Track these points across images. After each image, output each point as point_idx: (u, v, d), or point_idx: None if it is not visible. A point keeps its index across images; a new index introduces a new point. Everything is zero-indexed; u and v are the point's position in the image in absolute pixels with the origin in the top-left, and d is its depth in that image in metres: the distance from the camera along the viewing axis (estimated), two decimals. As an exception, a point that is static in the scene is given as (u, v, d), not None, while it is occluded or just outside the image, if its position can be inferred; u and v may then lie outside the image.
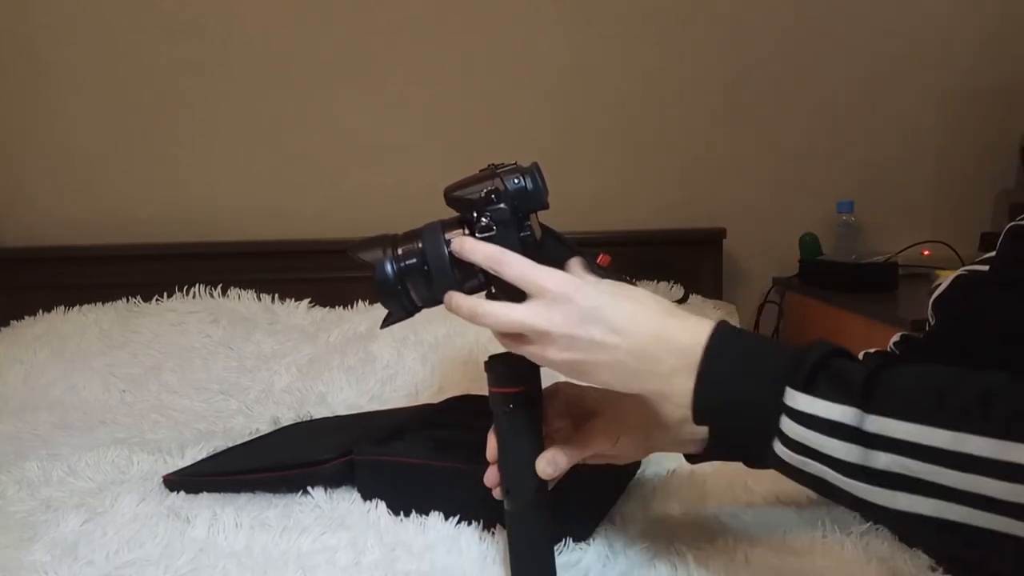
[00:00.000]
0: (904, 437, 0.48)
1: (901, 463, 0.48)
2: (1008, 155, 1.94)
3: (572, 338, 0.59)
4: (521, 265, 0.61)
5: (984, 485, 0.46)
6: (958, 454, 0.47)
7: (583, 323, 0.58)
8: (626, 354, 0.58)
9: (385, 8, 1.93)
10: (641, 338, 0.58)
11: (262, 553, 0.78)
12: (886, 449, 0.49)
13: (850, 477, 0.50)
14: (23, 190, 1.98)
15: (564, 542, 0.77)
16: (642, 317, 0.59)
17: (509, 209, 0.63)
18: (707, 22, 1.94)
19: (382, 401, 1.37)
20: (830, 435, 0.50)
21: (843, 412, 0.50)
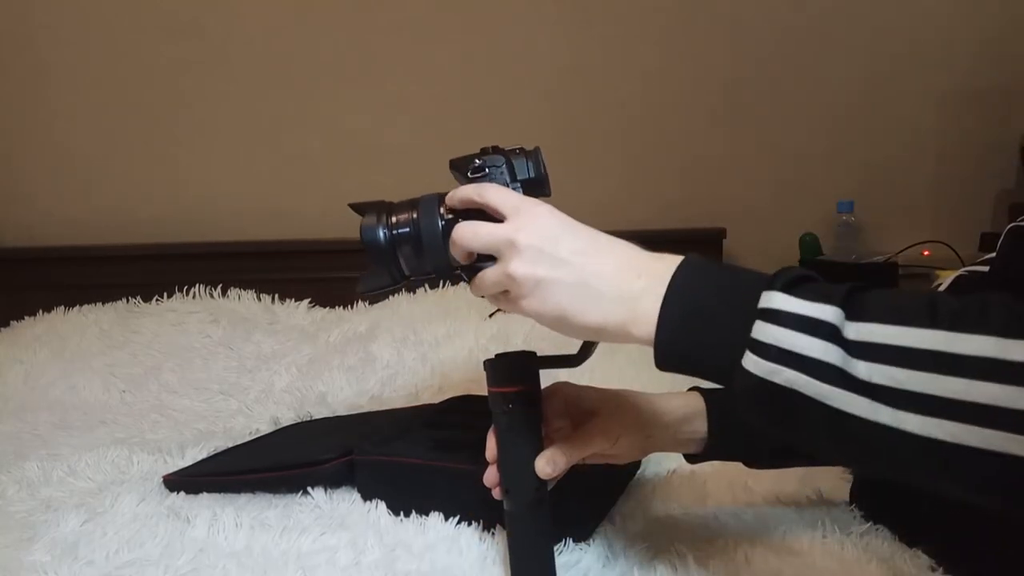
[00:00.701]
0: (889, 341, 0.43)
1: (885, 371, 0.43)
2: (1008, 155, 1.94)
3: (538, 250, 0.56)
4: (499, 189, 0.62)
5: (981, 390, 0.40)
6: (950, 355, 0.41)
7: (552, 238, 0.57)
8: (592, 274, 0.55)
9: (385, 8, 1.93)
10: (611, 260, 0.56)
11: (262, 553, 0.77)
12: (869, 356, 0.44)
13: (827, 383, 0.44)
14: (23, 190, 1.98)
15: (564, 542, 0.77)
16: (615, 244, 0.58)
17: (503, 158, 0.65)
18: (707, 22, 1.94)
19: (382, 401, 1.37)
20: (808, 332, 0.45)
21: (823, 310, 0.46)
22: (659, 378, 0.58)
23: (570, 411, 0.71)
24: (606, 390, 0.72)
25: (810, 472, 0.96)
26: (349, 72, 1.95)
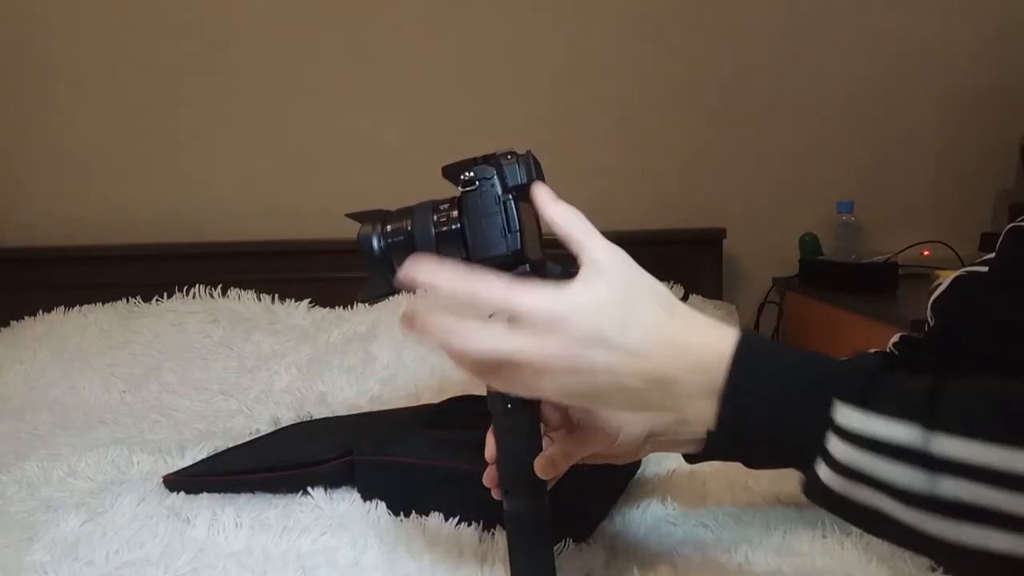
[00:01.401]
0: (976, 460, 0.42)
1: (972, 490, 0.41)
2: (1008, 155, 1.94)
3: (572, 366, 0.50)
4: (500, 289, 0.51)
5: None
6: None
7: (583, 346, 0.49)
8: (637, 378, 0.49)
9: (385, 8, 1.93)
10: (653, 358, 0.49)
11: (262, 553, 0.78)
12: (955, 474, 0.42)
13: (911, 507, 0.43)
14: (23, 190, 1.99)
15: (564, 542, 0.77)
16: (652, 332, 0.50)
17: (493, 169, 0.64)
18: (706, 22, 1.94)
19: (382, 401, 1.37)
20: (889, 457, 0.43)
21: (904, 431, 0.43)
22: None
23: (569, 410, 0.71)
24: None
25: (810, 472, 0.96)
26: (349, 72, 1.95)
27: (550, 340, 0.49)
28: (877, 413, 0.44)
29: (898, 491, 0.43)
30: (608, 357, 0.49)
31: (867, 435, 0.44)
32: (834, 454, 0.45)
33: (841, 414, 0.45)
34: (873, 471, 0.44)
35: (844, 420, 0.45)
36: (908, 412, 0.43)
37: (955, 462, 0.42)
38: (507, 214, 0.64)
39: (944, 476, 0.42)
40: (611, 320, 0.50)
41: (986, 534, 0.42)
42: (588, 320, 0.50)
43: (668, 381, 0.49)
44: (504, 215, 0.64)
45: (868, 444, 0.44)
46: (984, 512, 0.42)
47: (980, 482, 0.41)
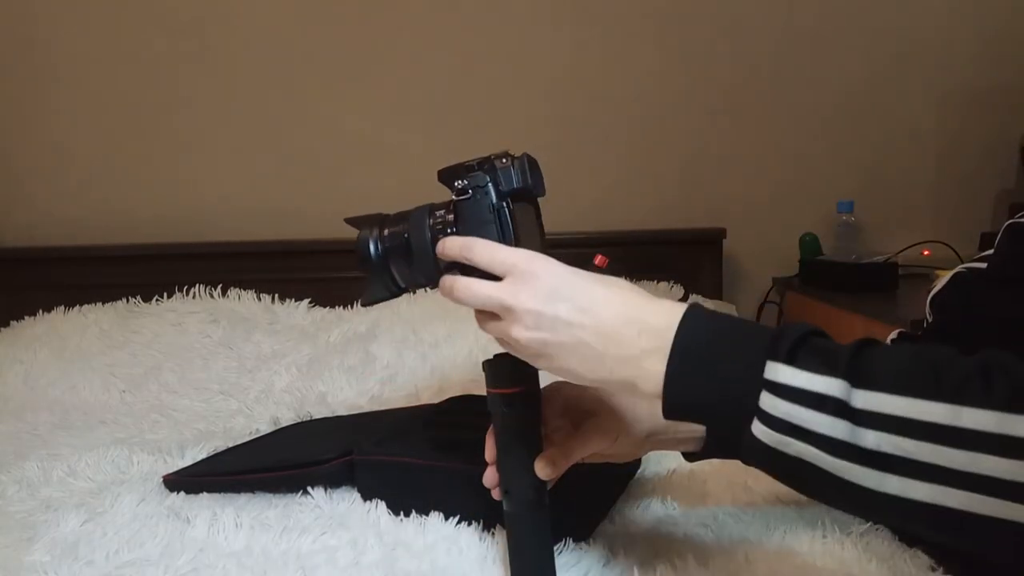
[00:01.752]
0: (895, 412, 0.44)
1: (892, 441, 0.44)
2: (1008, 155, 1.94)
3: (538, 315, 0.56)
4: (487, 246, 0.60)
5: (985, 463, 0.42)
6: (955, 429, 0.43)
7: (549, 300, 0.56)
8: (593, 334, 0.54)
9: (385, 8, 1.93)
10: (610, 318, 0.54)
11: (262, 553, 0.77)
12: (876, 426, 0.45)
13: (836, 456, 0.45)
14: (23, 190, 1.99)
15: (564, 542, 0.77)
16: (612, 297, 0.56)
17: (487, 177, 0.64)
18: (707, 22, 1.94)
19: (382, 401, 1.37)
20: (815, 408, 0.46)
21: (828, 384, 0.46)
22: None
23: (569, 411, 0.71)
24: (605, 390, 0.72)
25: (810, 472, 0.96)
26: (349, 72, 1.95)
27: (523, 289, 0.57)
28: (804, 368, 0.47)
29: (824, 440, 0.46)
30: (569, 311, 0.55)
31: (795, 387, 0.47)
32: (766, 408, 0.48)
33: (771, 370, 0.48)
34: (801, 422, 0.46)
35: (773, 375, 0.48)
36: (832, 368, 0.46)
37: (876, 414, 0.45)
38: (501, 222, 0.64)
39: (865, 428, 0.45)
40: (577, 281, 0.57)
41: (908, 483, 0.44)
42: (557, 276, 0.57)
43: (622, 340, 0.54)
44: (499, 223, 0.64)
45: (795, 396, 0.47)
46: (905, 462, 0.44)
47: (899, 434, 0.44)
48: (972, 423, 0.42)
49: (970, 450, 0.42)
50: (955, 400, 0.43)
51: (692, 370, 0.51)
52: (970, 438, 0.42)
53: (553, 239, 0.72)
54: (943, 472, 0.43)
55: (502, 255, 0.59)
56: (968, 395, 0.43)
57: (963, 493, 0.43)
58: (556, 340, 0.56)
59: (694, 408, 0.53)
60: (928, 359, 0.46)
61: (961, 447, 0.42)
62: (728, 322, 0.54)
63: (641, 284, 1.78)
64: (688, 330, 0.52)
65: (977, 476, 0.42)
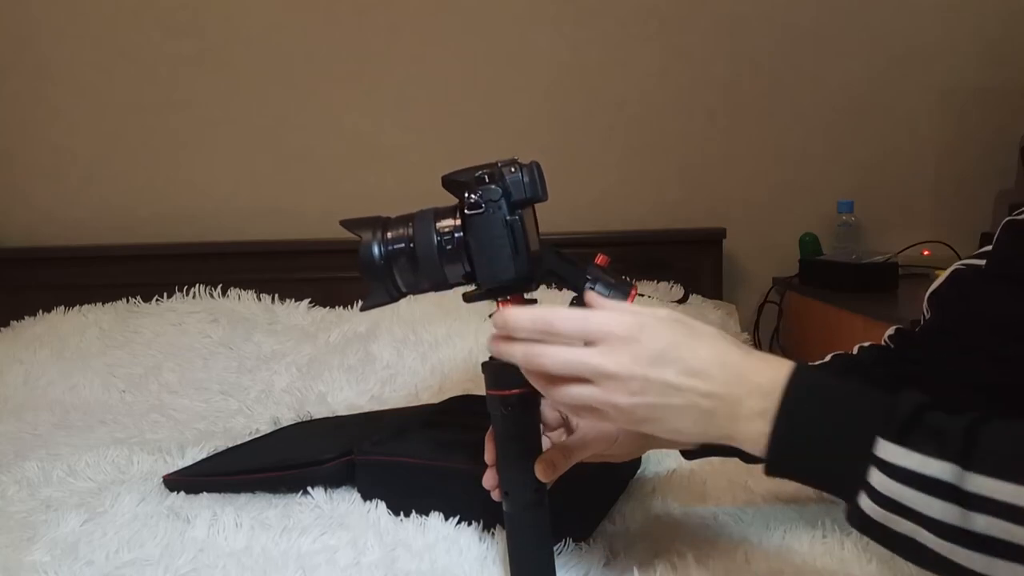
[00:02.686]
0: (1007, 499, 0.44)
1: (1003, 527, 0.44)
2: (1008, 155, 1.94)
3: (644, 380, 0.52)
4: (574, 316, 0.54)
5: None
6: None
7: (655, 364, 0.52)
8: (704, 397, 0.52)
9: (385, 8, 1.93)
10: (720, 379, 0.53)
11: (262, 553, 0.77)
12: (987, 511, 0.44)
13: (945, 539, 0.46)
14: (23, 190, 1.99)
15: (564, 542, 0.77)
16: (717, 356, 0.54)
17: (500, 190, 0.63)
18: (707, 22, 1.94)
19: (382, 401, 1.37)
20: (925, 492, 0.46)
21: (942, 468, 0.46)
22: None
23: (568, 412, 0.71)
24: None
25: (810, 472, 0.96)
26: (349, 72, 1.95)
27: (624, 354, 0.53)
28: (916, 450, 0.47)
29: (934, 523, 0.46)
30: (678, 375, 0.52)
31: (906, 469, 0.47)
32: (875, 486, 0.48)
33: (882, 449, 0.48)
34: (911, 503, 0.47)
35: (884, 454, 0.48)
36: (945, 450, 0.46)
37: (987, 499, 0.44)
38: (515, 236, 0.63)
39: (976, 512, 0.45)
40: (680, 340, 0.54)
41: (1016, 570, 0.44)
42: (659, 338, 0.53)
43: (732, 401, 0.52)
44: (512, 237, 0.63)
45: (907, 478, 0.47)
46: (1015, 548, 0.44)
47: (1011, 520, 0.44)
48: None
49: None
50: None
51: (799, 439, 0.51)
52: None
53: (553, 239, 0.72)
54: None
55: (596, 323, 0.54)
56: None
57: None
58: (665, 403, 0.53)
59: (798, 473, 0.53)
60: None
61: None
62: (836, 389, 0.53)
63: (641, 284, 1.79)
64: (795, 394, 0.52)
65: None
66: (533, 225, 0.67)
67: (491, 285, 0.64)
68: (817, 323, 1.77)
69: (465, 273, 0.65)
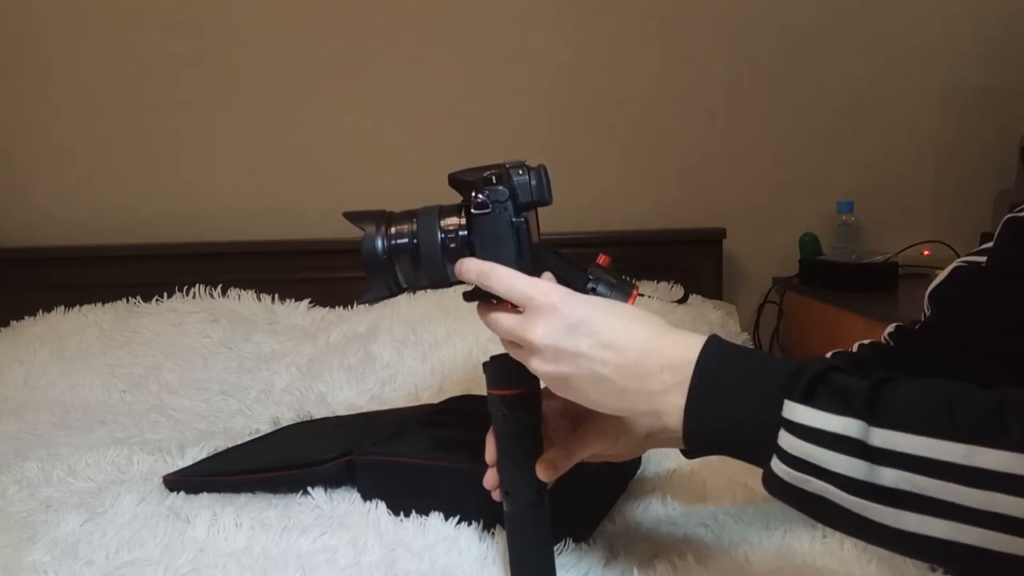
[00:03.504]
0: (912, 451, 0.45)
1: (909, 479, 0.45)
2: (1008, 155, 1.94)
3: (557, 350, 0.56)
4: (506, 277, 0.60)
5: (1000, 503, 0.42)
6: (971, 468, 0.43)
7: (569, 335, 0.56)
8: (615, 370, 0.55)
9: (385, 8, 1.93)
10: (631, 353, 0.55)
11: (262, 553, 0.78)
12: (893, 464, 0.45)
13: (854, 494, 0.47)
14: (23, 190, 1.99)
15: (564, 542, 0.77)
16: (633, 331, 0.56)
17: (507, 191, 0.63)
18: (707, 22, 1.94)
19: (382, 401, 1.37)
20: (832, 448, 0.47)
21: (846, 424, 0.47)
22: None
23: (569, 412, 0.71)
24: None
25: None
26: (349, 72, 1.95)
27: (541, 324, 0.57)
28: (821, 408, 0.48)
29: (842, 479, 0.47)
30: (590, 346, 0.55)
31: (812, 428, 0.48)
32: (784, 447, 0.49)
33: (788, 410, 0.49)
34: (819, 461, 0.48)
35: (791, 415, 0.49)
36: (849, 407, 0.47)
37: (892, 452, 0.45)
38: (519, 237, 0.64)
39: (883, 466, 0.46)
40: (597, 314, 0.57)
41: (925, 520, 0.45)
42: (577, 310, 0.57)
43: (644, 375, 0.55)
44: (516, 238, 0.63)
45: (813, 436, 0.48)
46: (921, 499, 0.45)
47: (916, 472, 0.45)
48: (986, 463, 0.43)
49: (985, 489, 0.43)
50: (971, 440, 0.44)
51: (710, 407, 0.52)
52: (985, 477, 0.43)
53: (553, 239, 0.72)
54: (959, 510, 0.44)
55: (520, 287, 0.59)
56: (984, 435, 0.44)
57: (978, 530, 0.43)
58: (577, 374, 0.56)
59: (715, 444, 0.54)
60: (944, 396, 0.46)
61: (976, 486, 0.43)
62: (745, 358, 0.54)
63: (641, 284, 1.78)
64: (705, 366, 0.53)
65: (991, 514, 0.43)
66: (535, 226, 0.67)
67: None
68: (817, 323, 1.77)
69: None
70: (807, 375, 0.49)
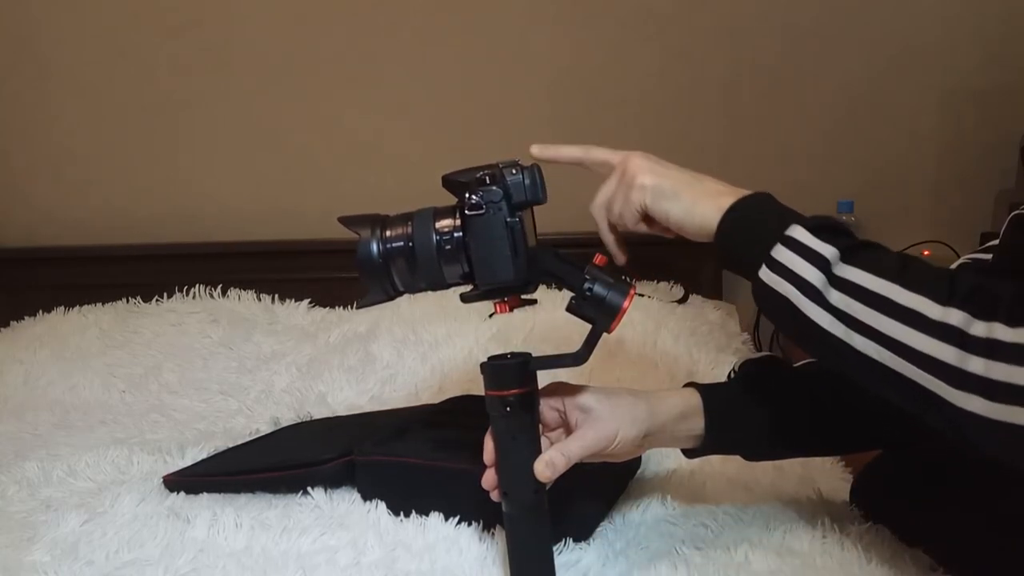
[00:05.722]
0: (860, 283, 0.56)
1: (849, 303, 0.56)
2: (1008, 155, 1.94)
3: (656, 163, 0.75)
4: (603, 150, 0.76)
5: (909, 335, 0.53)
6: (896, 304, 0.54)
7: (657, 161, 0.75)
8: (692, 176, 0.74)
9: (385, 8, 1.93)
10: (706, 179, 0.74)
11: (262, 553, 0.78)
12: (842, 289, 0.57)
13: (807, 297, 0.58)
14: (23, 190, 1.99)
15: (564, 542, 0.77)
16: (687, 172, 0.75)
17: (500, 191, 0.63)
18: (707, 22, 1.94)
19: (382, 401, 1.37)
20: (808, 261, 0.58)
21: (825, 249, 0.58)
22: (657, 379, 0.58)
23: (568, 411, 0.71)
24: (603, 389, 0.72)
25: (809, 472, 0.96)
26: (349, 72, 1.95)
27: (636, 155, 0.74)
28: (816, 236, 0.59)
29: (804, 284, 0.58)
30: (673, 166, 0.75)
31: (801, 243, 0.60)
32: (774, 256, 0.61)
33: (792, 230, 0.61)
34: (792, 266, 0.59)
35: (792, 233, 0.61)
36: (836, 242, 0.59)
37: (847, 281, 0.57)
38: (514, 238, 0.63)
39: (835, 288, 0.57)
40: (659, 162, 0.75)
41: (851, 334, 0.56)
42: None
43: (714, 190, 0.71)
44: (511, 239, 0.63)
45: (799, 249, 0.60)
46: (858, 323, 0.56)
47: (855, 298, 0.56)
48: (910, 303, 0.54)
49: (902, 322, 0.54)
50: (907, 285, 0.55)
51: (739, 223, 0.65)
52: (905, 313, 0.54)
53: (553, 239, 0.72)
54: (877, 333, 0.55)
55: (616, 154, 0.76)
56: (921, 284, 0.54)
57: (887, 352, 0.54)
58: (675, 175, 0.73)
59: (730, 250, 0.66)
60: (908, 259, 0.58)
61: (897, 319, 0.54)
62: (783, 206, 0.66)
63: (641, 284, 1.78)
64: (754, 197, 0.67)
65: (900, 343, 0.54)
66: (531, 226, 0.67)
67: (489, 286, 0.65)
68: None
69: (463, 273, 0.65)
70: (824, 220, 0.61)
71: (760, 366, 0.82)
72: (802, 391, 0.78)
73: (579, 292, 0.66)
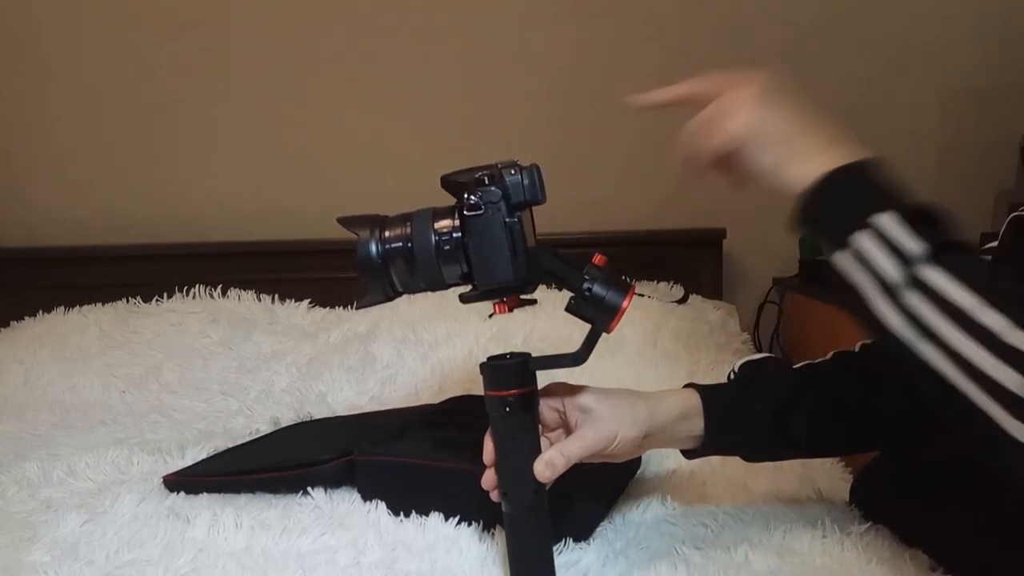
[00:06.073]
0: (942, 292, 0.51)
1: (927, 310, 0.51)
2: (1008, 155, 1.94)
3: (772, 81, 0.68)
4: None
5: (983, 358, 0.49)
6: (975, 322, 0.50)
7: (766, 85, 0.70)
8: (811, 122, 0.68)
9: (385, 8, 1.93)
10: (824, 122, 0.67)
11: (262, 553, 0.78)
12: (922, 294, 0.52)
13: (881, 294, 0.54)
14: (23, 190, 1.99)
15: (564, 542, 0.77)
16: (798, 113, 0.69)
17: (499, 192, 0.63)
18: (707, 22, 1.94)
19: (382, 401, 1.37)
20: (888, 253, 0.54)
21: (914, 245, 0.53)
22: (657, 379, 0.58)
23: (567, 411, 0.71)
24: (603, 389, 0.72)
25: (809, 472, 0.96)
26: (349, 72, 1.95)
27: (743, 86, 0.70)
28: (906, 229, 0.54)
29: (878, 278, 0.54)
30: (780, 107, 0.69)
31: (888, 237, 0.54)
32: (853, 243, 0.56)
33: (883, 218, 0.55)
34: (870, 257, 0.54)
35: (879, 222, 0.55)
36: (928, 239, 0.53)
37: (928, 285, 0.52)
38: (513, 238, 0.63)
39: (913, 289, 0.52)
40: None
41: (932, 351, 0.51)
42: None
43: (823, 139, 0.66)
44: (510, 239, 0.63)
45: (881, 239, 0.54)
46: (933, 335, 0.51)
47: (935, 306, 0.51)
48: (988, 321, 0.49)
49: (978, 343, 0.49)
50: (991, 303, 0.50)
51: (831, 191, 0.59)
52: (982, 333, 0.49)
53: (553, 239, 0.72)
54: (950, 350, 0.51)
55: None
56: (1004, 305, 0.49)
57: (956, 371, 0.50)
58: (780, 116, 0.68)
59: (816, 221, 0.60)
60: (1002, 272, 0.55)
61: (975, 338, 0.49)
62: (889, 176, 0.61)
63: (641, 284, 1.79)
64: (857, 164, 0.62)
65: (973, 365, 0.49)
66: (530, 226, 0.67)
67: (488, 286, 0.65)
68: (817, 323, 1.77)
69: (462, 274, 0.65)
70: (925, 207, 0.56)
71: (760, 367, 0.82)
72: (802, 392, 0.78)
73: (578, 292, 0.66)
